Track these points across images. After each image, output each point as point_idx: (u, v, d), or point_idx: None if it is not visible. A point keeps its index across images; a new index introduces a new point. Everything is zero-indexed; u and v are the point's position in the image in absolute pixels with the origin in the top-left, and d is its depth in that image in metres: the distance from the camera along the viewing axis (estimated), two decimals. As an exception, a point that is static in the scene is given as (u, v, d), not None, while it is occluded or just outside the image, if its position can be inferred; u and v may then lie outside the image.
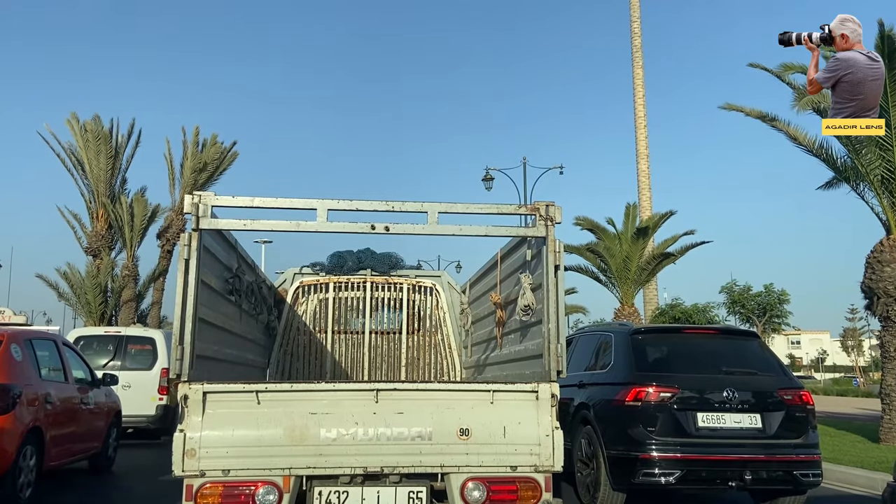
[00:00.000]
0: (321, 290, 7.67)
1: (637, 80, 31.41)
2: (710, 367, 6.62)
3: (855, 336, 59.26)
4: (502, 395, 4.28)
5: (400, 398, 4.23)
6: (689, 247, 22.96)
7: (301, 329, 7.61)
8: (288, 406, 4.12)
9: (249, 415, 4.06)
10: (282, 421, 4.07)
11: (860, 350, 59.65)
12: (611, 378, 6.72)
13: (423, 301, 7.81)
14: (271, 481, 3.99)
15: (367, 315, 7.66)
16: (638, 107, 31.22)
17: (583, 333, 8.53)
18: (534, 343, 4.86)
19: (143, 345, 12.58)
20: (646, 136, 31.18)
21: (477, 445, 4.15)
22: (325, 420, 4.09)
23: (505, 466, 4.16)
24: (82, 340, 12.35)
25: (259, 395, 4.11)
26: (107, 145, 30.21)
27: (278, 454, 4.02)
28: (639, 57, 31.56)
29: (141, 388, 11.78)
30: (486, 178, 31.54)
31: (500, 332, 5.94)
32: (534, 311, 4.86)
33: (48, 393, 6.92)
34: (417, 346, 7.76)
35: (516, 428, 4.20)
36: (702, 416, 6.14)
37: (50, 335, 8.36)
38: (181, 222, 31.94)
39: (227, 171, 33.53)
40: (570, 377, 7.86)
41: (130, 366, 12.11)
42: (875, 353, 67.27)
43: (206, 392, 4.02)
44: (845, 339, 60.32)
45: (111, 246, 30.96)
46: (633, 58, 31.64)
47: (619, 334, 7.10)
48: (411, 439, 4.12)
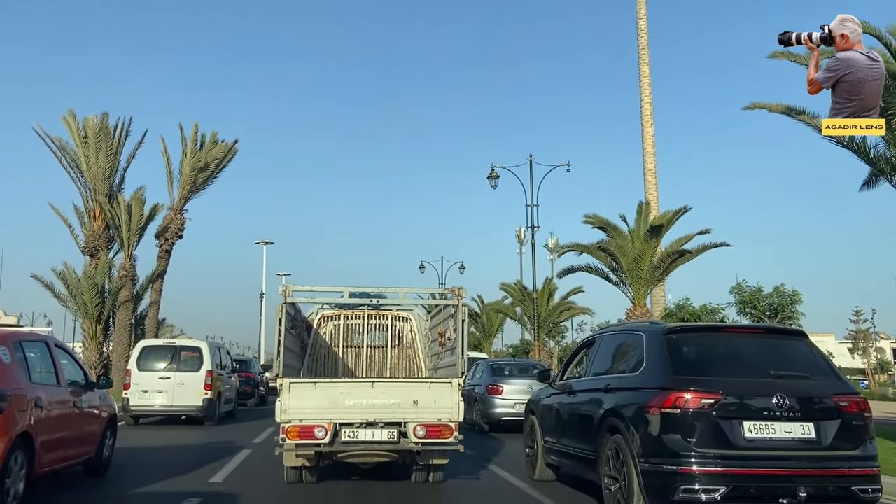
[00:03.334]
0: (336, 318, 11.51)
1: (644, 77, 31.24)
2: (756, 370, 6.15)
3: (867, 338, 59.18)
4: (435, 384, 8.15)
5: (384, 386, 8.06)
6: (707, 247, 22.51)
7: (322, 344, 11.28)
8: (329, 389, 7.90)
9: (311, 393, 7.78)
10: (326, 396, 7.76)
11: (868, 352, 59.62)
12: (643, 382, 6.27)
13: (402, 326, 11.64)
14: (321, 425, 7.60)
15: (365, 335, 11.56)
16: (644, 105, 30.97)
17: (606, 333, 8.09)
18: (453, 358, 8.61)
19: (193, 352, 16.79)
20: (652, 134, 30.89)
21: (422, 408, 7.79)
22: (347, 396, 7.78)
23: (435, 418, 7.77)
24: (147, 349, 16.84)
25: (316, 384, 8.07)
26: (107, 142, 29.97)
27: (325, 412, 7.66)
28: (645, 54, 31.36)
29: (191, 385, 16.08)
30: (492, 175, 32.03)
31: (442, 351, 9.62)
32: (453, 342, 8.67)
33: (39, 396, 6.81)
34: (398, 356, 11.52)
35: (440, 400, 7.83)
36: (749, 426, 5.68)
37: (42, 336, 8.23)
38: (180, 222, 32.09)
39: (226, 167, 33.32)
40: (594, 380, 7.48)
41: (183, 368, 16.32)
42: (881, 356, 67.11)
43: (290, 383, 7.78)
44: (857, 341, 60.20)
45: (109, 246, 30.61)
46: (640, 55, 31.48)
47: (651, 334, 6.62)
48: (389, 405, 7.78)
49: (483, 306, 45.80)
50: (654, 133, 30.99)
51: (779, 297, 33.74)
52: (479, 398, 16.20)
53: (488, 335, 46.81)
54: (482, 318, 45.84)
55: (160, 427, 16.09)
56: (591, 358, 7.85)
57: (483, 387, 16.32)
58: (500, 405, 15.68)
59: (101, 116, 30.19)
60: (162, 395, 16.04)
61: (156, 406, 16.16)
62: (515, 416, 15.00)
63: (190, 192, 32.24)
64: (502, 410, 15.61)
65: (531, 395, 10.18)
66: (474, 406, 16.46)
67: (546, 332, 38.32)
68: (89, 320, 28.12)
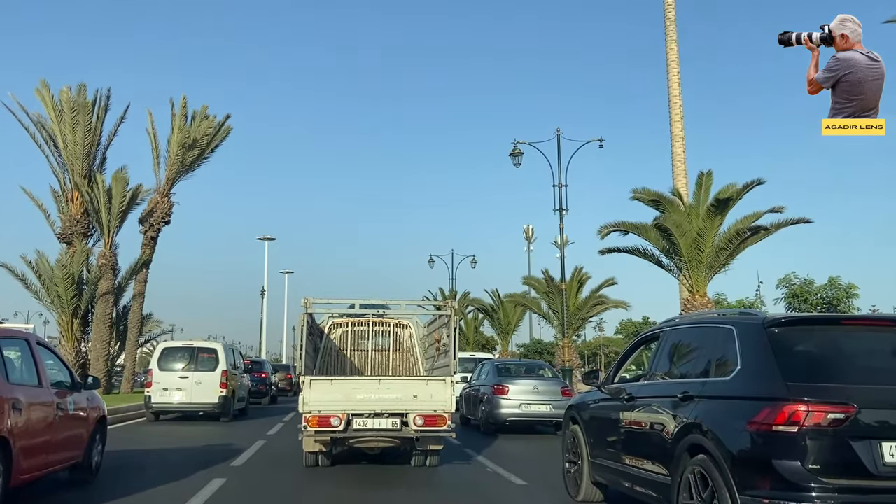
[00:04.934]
0: (345, 325, 13.79)
1: (671, 55, 31.18)
2: (894, 374, 5.37)
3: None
4: (432, 381, 10.32)
5: (389, 383, 10.40)
6: (783, 223, 20.88)
7: (332, 348, 13.49)
8: (343, 385, 10.21)
9: (328, 388, 10.01)
10: (341, 391, 10.02)
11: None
12: (739, 389, 5.45)
13: (402, 332, 14.01)
14: (337, 415, 9.75)
15: (370, 340, 13.88)
16: (672, 84, 30.89)
17: (676, 327, 7.20)
18: (447, 360, 10.74)
19: (210, 353, 19.75)
20: (681, 116, 30.76)
21: (420, 401, 9.99)
22: (358, 391, 10.07)
23: (432, 409, 9.95)
24: (167, 350, 20.10)
25: (332, 381, 10.29)
26: (85, 117, 29.21)
27: (339, 404, 9.83)
28: (672, 31, 31.30)
29: (208, 384, 18.93)
30: (514, 152, 31.20)
31: (437, 354, 11.87)
32: (447, 346, 10.83)
33: (17, 398, 6.87)
34: (398, 359, 13.84)
35: (436, 394, 10.03)
36: (890, 448, 4.82)
37: (22, 334, 8.35)
38: (167, 206, 31.63)
39: (219, 147, 32.80)
40: (663, 385, 6.68)
41: (200, 368, 19.24)
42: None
43: (311, 379, 10.00)
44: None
45: (88, 232, 30.00)
46: (667, 31, 31.55)
47: (746, 327, 5.76)
48: (393, 399, 10.00)
49: (500, 301, 45.53)
50: (682, 115, 31.11)
51: (833, 290, 32.86)
52: (485, 399, 17.05)
53: (505, 332, 46.41)
54: (498, 313, 45.62)
55: (179, 423, 19.01)
56: (656, 357, 7.10)
57: (489, 387, 17.16)
58: (506, 406, 16.55)
59: (77, 88, 29.53)
60: (181, 393, 19.00)
61: (175, 403, 19.12)
62: (522, 417, 16.67)
63: (178, 173, 31.85)
64: (508, 411, 16.54)
65: (575, 399, 9.63)
66: (480, 407, 17.34)
67: (574, 328, 37.18)
68: (65, 314, 27.59)
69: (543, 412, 16.63)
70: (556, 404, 16.15)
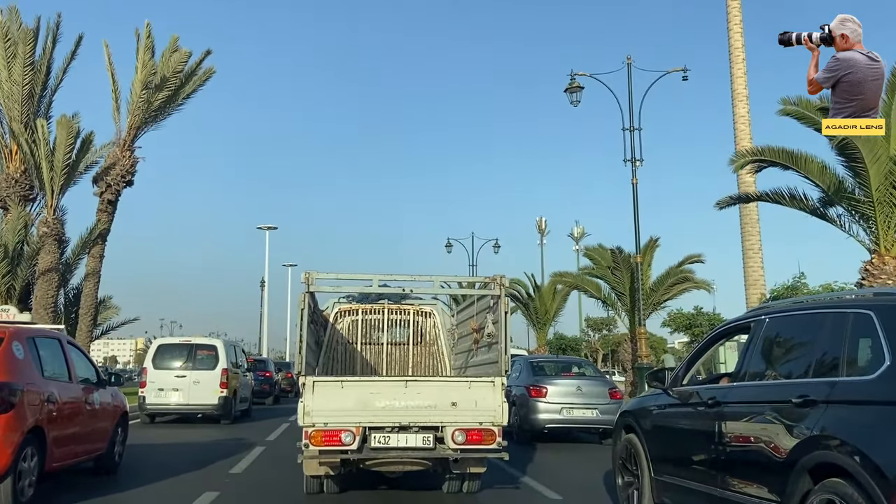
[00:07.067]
0: (353, 313, 12.69)
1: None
2: None
3: None
4: (475, 384, 8.85)
5: (419, 386, 8.77)
6: None
7: (339, 340, 12.48)
8: (358, 389, 8.64)
9: (337, 393, 8.49)
10: (354, 397, 8.50)
11: None
12: (893, 392, 4.75)
13: (424, 322, 12.85)
14: (349, 429, 8.31)
15: (385, 331, 12.71)
16: (734, 35, 30.64)
17: (773, 315, 6.55)
18: (493, 354, 9.42)
19: (209, 350, 20.15)
20: (744, 72, 30.67)
21: (461, 411, 8.59)
22: (378, 397, 8.54)
23: (476, 422, 8.59)
24: (163, 347, 20.44)
25: (343, 383, 8.76)
26: (24, 48, 26.78)
27: (353, 415, 8.39)
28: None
29: (207, 383, 19.34)
30: (572, 86, 28.26)
31: (476, 347, 10.54)
32: (493, 338, 9.45)
33: (51, 392, 8.43)
34: (420, 354, 12.72)
35: (482, 401, 8.65)
36: None
37: (55, 333, 10.21)
38: (129, 161, 28.34)
39: (197, 92, 29.78)
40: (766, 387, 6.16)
41: (199, 367, 19.66)
42: None
43: (315, 381, 8.51)
44: None
45: (29, 195, 27.50)
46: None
47: (890, 310, 5.14)
48: (424, 408, 8.54)
49: (535, 286, 45.74)
50: (745, 71, 31.22)
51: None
52: (518, 402, 16.49)
53: (542, 322, 45.98)
54: (535, 301, 45.37)
55: (176, 425, 19.56)
56: (748, 352, 6.54)
57: (523, 388, 16.72)
58: (545, 410, 16.22)
59: (9, 11, 26.94)
60: (178, 394, 19.52)
61: (171, 404, 19.62)
62: (563, 424, 16.35)
63: (143, 121, 28.65)
64: (547, 416, 16.21)
65: (628, 404, 9.39)
66: (512, 411, 17.13)
67: (647, 314, 32.91)
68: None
69: (588, 418, 16.25)
70: (602, 409, 15.93)
